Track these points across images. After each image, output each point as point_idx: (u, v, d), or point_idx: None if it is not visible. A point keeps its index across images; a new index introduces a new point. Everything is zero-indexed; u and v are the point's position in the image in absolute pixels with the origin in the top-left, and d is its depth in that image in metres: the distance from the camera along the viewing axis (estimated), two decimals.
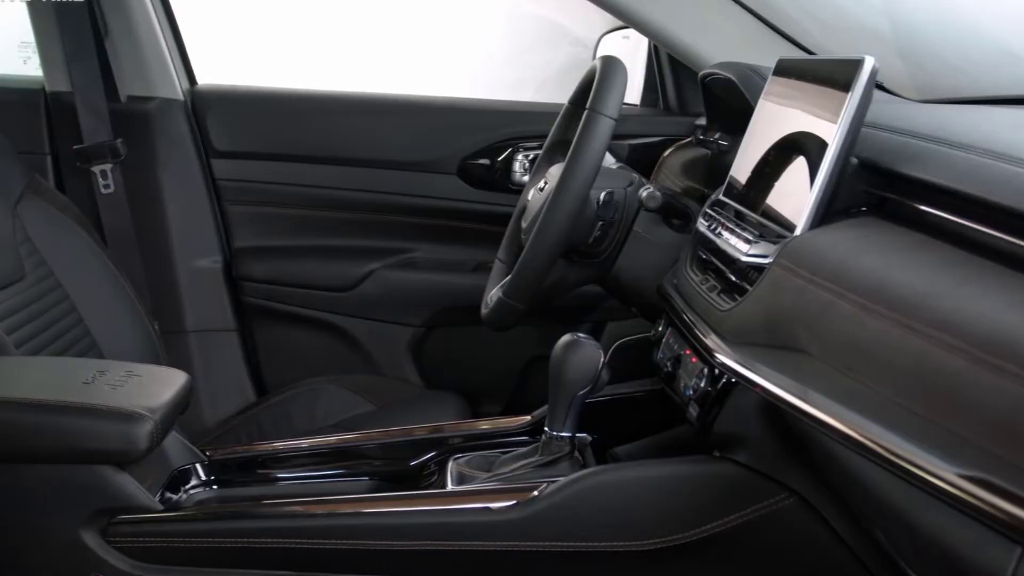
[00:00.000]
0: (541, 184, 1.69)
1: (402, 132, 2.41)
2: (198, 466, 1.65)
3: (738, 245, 1.23)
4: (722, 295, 1.26)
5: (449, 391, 2.27)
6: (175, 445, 1.63)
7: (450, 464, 1.58)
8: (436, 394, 2.29)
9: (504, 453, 1.58)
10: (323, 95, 2.50)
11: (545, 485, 1.33)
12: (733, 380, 1.21)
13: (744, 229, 1.25)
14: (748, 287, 1.17)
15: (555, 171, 1.66)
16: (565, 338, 1.47)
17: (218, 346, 2.46)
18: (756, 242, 1.19)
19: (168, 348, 2.21)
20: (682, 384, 1.37)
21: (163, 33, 2.41)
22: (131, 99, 2.40)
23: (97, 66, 2.33)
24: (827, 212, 1.11)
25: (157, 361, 2.07)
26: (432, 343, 2.44)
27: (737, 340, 1.15)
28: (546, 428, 1.49)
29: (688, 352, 1.38)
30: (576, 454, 1.49)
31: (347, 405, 2.15)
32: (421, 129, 2.41)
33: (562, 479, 1.33)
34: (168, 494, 1.57)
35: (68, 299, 1.98)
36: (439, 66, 3.53)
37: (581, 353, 1.44)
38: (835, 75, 1.14)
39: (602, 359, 1.44)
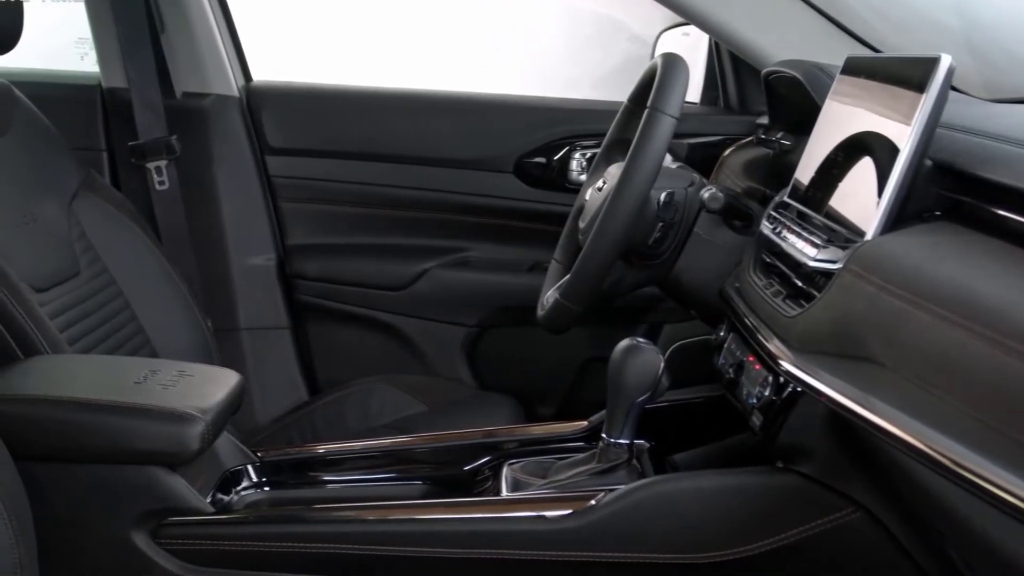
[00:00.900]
0: (599, 184, 1.66)
1: (458, 129, 2.38)
2: (250, 467, 1.64)
3: (805, 249, 1.19)
4: (787, 301, 1.22)
5: (502, 392, 2.25)
6: (227, 446, 1.61)
7: (504, 470, 1.56)
8: (489, 395, 2.26)
9: (560, 459, 1.55)
10: (379, 92, 2.47)
11: (603, 494, 1.31)
12: (799, 389, 1.17)
13: (811, 233, 1.21)
14: (815, 293, 1.13)
15: (614, 171, 1.62)
16: (624, 343, 1.43)
17: (271, 344, 2.44)
18: (824, 246, 1.15)
19: (221, 346, 2.20)
20: (745, 392, 1.33)
21: (219, 29, 2.41)
22: (186, 95, 2.39)
23: (153, 62, 2.32)
24: (899, 216, 1.07)
25: (210, 359, 2.07)
26: (486, 343, 2.41)
27: (803, 348, 1.11)
28: (603, 435, 1.46)
29: (751, 359, 1.34)
30: (634, 462, 1.46)
31: (400, 405, 2.13)
32: (477, 127, 2.38)
33: (620, 488, 1.31)
34: (219, 495, 1.56)
35: (122, 296, 1.98)
36: (495, 63, 3.51)
37: (641, 359, 1.41)
38: (908, 74, 1.10)
39: (662, 365, 1.41)
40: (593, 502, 1.30)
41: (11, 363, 1.55)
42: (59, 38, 2.90)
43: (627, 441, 1.44)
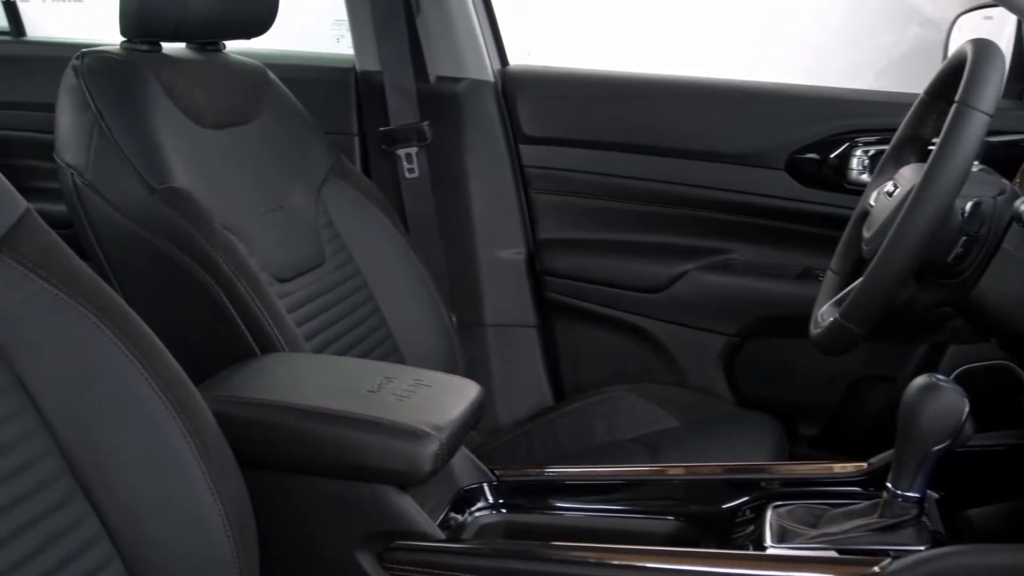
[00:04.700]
0: (889, 187, 1.47)
1: (724, 121, 2.21)
2: (486, 487, 1.54)
3: None
4: None
5: (762, 410, 2.08)
6: (462, 461, 1.53)
7: (768, 513, 1.38)
8: (748, 414, 2.10)
9: (834, 506, 1.37)
10: (641, 79, 2.33)
11: (888, 560, 1.14)
12: None
13: None
14: None
15: (907, 173, 1.44)
16: (920, 381, 1.24)
17: (517, 343, 2.36)
18: None
19: (464, 342, 2.13)
20: None
21: (476, 10, 2.32)
22: (440, 80, 2.32)
23: (407, 45, 2.26)
24: None
25: (453, 356, 2.01)
26: (746, 355, 2.24)
27: None
28: (889, 484, 1.26)
29: None
30: (923, 518, 1.26)
31: (650, 418, 2.01)
32: (745, 118, 2.20)
33: (912, 553, 1.14)
34: (452, 514, 1.48)
35: (366, 287, 1.94)
36: (767, 48, 3.32)
37: (941, 401, 1.21)
38: None
39: (966, 410, 1.21)
40: (877, 568, 1.13)
41: (246, 360, 1.51)
42: (315, 19, 2.91)
43: (918, 495, 1.24)
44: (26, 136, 2.55)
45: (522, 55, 2.46)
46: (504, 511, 1.53)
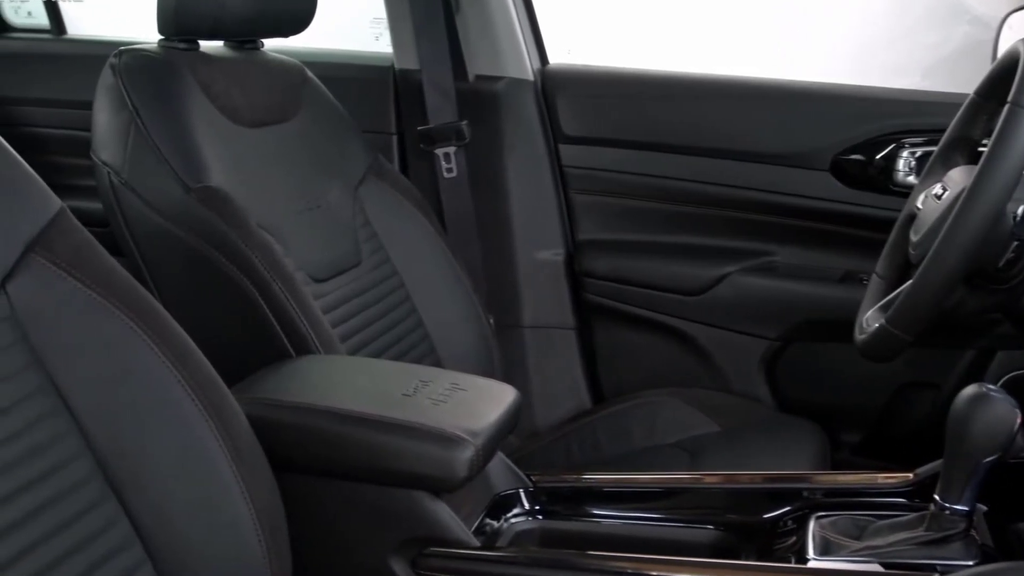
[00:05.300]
0: (937, 190, 1.43)
1: (768, 121, 2.17)
2: (522, 493, 1.51)
3: None
4: None
5: (804, 417, 2.04)
6: (498, 467, 1.50)
7: (811, 524, 1.35)
8: (790, 419, 2.06)
9: (879, 518, 1.33)
10: (683, 78, 2.29)
11: (936, 575, 1.10)
12: None
13: None
14: None
15: (956, 175, 1.41)
16: (970, 390, 1.20)
17: (555, 344, 2.33)
18: None
19: (502, 343, 2.11)
20: None
21: (515, 8, 2.30)
22: (479, 79, 2.30)
23: (446, 44, 2.24)
24: None
25: (490, 358, 1.99)
26: (788, 359, 2.20)
27: None
28: (936, 496, 1.23)
29: None
30: (972, 532, 1.22)
31: (689, 423, 1.98)
32: (789, 118, 2.16)
33: (960, 569, 1.11)
34: (488, 520, 1.45)
35: (403, 288, 1.92)
36: (810, 46, 3.26)
37: (992, 412, 1.17)
38: None
39: (1019, 421, 1.17)
40: None
41: (280, 362, 1.49)
42: (354, 17, 2.89)
43: (966, 508, 1.21)
44: (64, 134, 2.56)
45: (562, 54, 2.44)
46: (540, 518, 1.50)
